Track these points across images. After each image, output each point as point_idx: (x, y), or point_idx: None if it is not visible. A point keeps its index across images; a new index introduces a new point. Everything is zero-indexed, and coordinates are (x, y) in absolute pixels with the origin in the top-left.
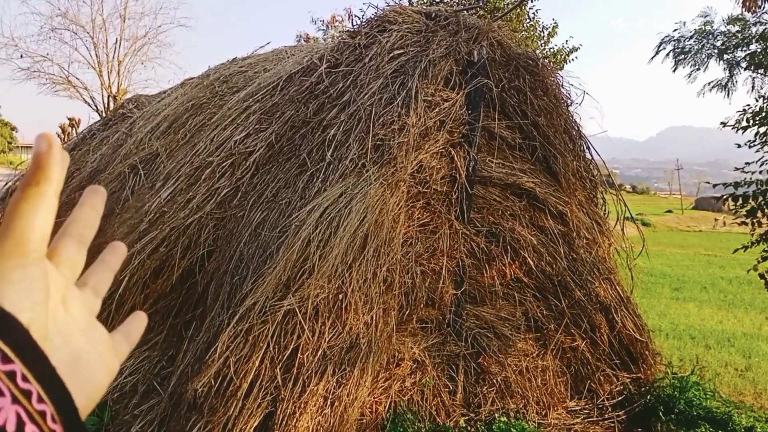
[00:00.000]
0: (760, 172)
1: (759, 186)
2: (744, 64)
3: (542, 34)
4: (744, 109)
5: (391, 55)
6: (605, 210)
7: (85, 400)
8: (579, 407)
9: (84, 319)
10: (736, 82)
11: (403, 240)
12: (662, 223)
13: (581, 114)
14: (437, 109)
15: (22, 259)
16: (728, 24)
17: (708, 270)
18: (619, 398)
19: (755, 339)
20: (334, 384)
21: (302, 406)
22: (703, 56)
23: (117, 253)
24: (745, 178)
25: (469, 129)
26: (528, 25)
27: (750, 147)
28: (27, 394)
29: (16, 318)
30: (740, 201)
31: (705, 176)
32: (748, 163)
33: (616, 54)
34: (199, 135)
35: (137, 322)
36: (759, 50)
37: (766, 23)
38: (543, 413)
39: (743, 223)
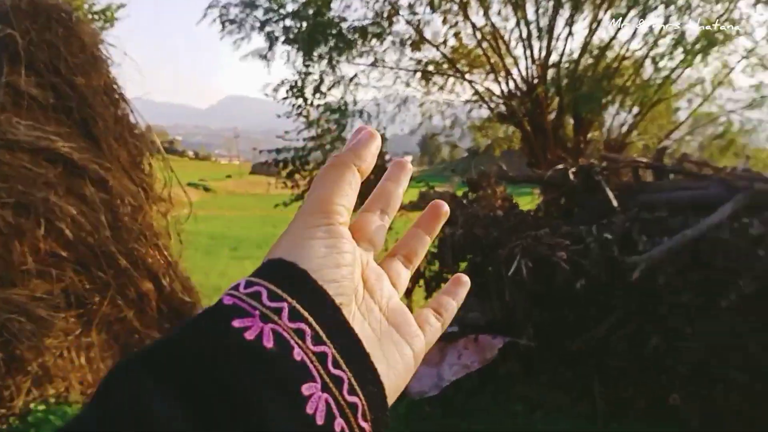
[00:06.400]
0: (298, 140)
1: (297, 152)
2: (282, 38)
3: None
4: (282, 82)
5: None
6: (166, 176)
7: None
8: None
9: (384, 298)
10: (275, 54)
11: None
12: (223, 187)
13: (133, 77)
14: None
15: (325, 218)
16: None
17: (263, 229)
18: None
19: None
20: None
21: None
22: (248, 27)
23: (437, 215)
24: (286, 145)
25: None
26: None
27: (288, 117)
28: (338, 381)
29: (327, 292)
30: (281, 165)
31: (260, 143)
32: (287, 132)
33: (175, 20)
34: None
35: (456, 290)
36: (293, 26)
37: (297, 1)
38: (89, 392)
39: (285, 184)
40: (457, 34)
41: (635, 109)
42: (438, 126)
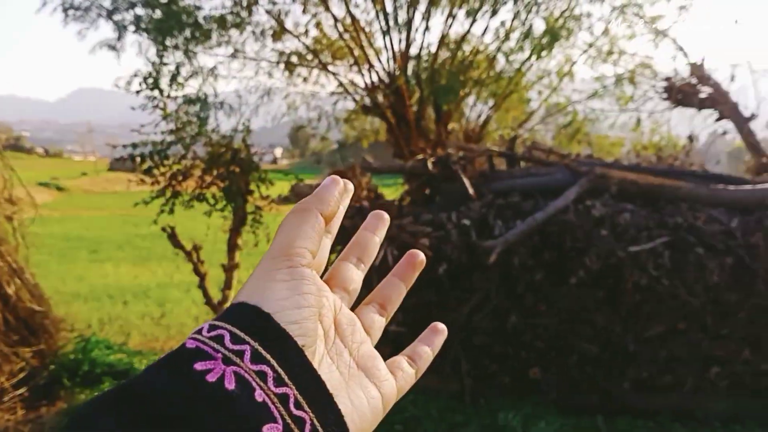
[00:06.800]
0: (156, 133)
1: (155, 146)
2: (132, 27)
3: None
4: (136, 73)
5: None
6: (7, 176)
7: None
8: None
9: (355, 343)
10: (125, 44)
11: None
12: (78, 186)
13: None
14: None
15: (287, 260)
16: None
17: (124, 229)
18: (22, 376)
19: (168, 288)
20: None
21: None
22: (93, 15)
23: (412, 264)
24: (143, 139)
25: None
26: None
27: (144, 110)
28: (300, 422)
29: (289, 334)
30: (139, 160)
31: (116, 138)
32: (143, 125)
33: (15, 5)
34: None
35: (432, 338)
36: (144, 15)
37: None
38: None
39: (143, 181)
40: (318, 24)
41: (491, 101)
42: (304, 118)
